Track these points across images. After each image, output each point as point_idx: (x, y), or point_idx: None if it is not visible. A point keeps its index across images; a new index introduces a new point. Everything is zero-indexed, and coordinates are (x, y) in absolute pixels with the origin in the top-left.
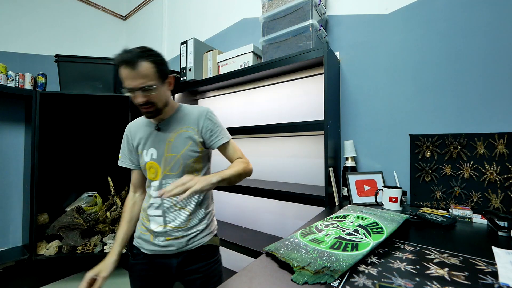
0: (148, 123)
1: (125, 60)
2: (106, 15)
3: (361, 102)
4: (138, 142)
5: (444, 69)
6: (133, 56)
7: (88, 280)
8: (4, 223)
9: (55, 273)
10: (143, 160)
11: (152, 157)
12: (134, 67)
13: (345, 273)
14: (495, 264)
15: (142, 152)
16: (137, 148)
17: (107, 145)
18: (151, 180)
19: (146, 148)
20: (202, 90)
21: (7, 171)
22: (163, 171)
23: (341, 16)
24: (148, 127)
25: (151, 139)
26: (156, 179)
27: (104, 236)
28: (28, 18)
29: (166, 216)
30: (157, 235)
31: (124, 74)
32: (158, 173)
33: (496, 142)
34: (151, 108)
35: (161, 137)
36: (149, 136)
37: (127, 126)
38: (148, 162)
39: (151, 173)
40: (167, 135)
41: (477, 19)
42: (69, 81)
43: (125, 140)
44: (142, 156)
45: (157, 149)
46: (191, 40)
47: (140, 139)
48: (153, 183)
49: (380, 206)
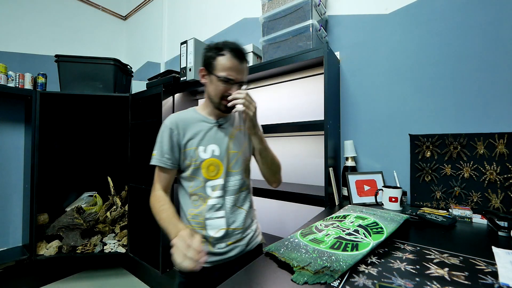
0: (201, 119)
1: (238, 51)
2: (106, 15)
3: (361, 102)
4: (191, 138)
5: (444, 69)
6: (244, 52)
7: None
8: (4, 223)
9: (55, 273)
10: (198, 157)
11: (213, 154)
12: (243, 61)
13: (345, 273)
14: (495, 264)
15: (197, 148)
16: (186, 144)
17: (107, 145)
18: (208, 179)
19: (204, 144)
20: (202, 90)
21: (7, 171)
22: (226, 168)
23: (341, 16)
24: (204, 123)
25: (210, 135)
26: (217, 177)
27: (104, 236)
28: (28, 18)
29: (228, 217)
30: (217, 241)
31: (230, 63)
32: (220, 170)
33: (496, 142)
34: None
35: (222, 134)
36: (207, 131)
37: (170, 121)
38: (207, 159)
39: (210, 171)
40: (228, 131)
41: (477, 19)
42: (69, 81)
43: (167, 136)
44: (197, 153)
45: (219, 145)
46: (191, 40)
47: (194, 135)
48: (211, 182)
49: (380, 206)
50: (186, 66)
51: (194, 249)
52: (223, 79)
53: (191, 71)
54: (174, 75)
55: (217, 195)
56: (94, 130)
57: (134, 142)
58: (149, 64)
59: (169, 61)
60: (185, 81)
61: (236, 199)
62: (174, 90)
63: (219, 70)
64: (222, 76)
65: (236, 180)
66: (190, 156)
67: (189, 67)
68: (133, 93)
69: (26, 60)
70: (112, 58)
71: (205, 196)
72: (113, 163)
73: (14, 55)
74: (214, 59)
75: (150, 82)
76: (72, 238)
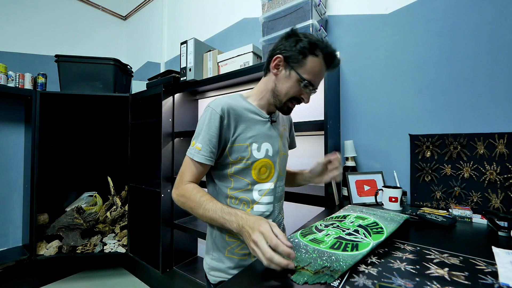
0: (254, 110)
1: (333, 58)
2: (106, 15)
3: (361, 102)
4: (242, 132)
5: (444, 69)
6: (337, 60)
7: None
8: (4, 223)
9: (55, 273)
10: (250, 155)
11: (267, 154)
12: (330, 69)
13: (345, 273)
14: (495, 264)
15: (250, 145)
16: (235, 139)
17: (107, 145)
18: (257, 181)
19: (258, 141)
20: (202, 90)
21: (7, 171)
22: (278, 172)
23: (341, 16)
24: (258, 116)
25: (264, 132)
26: (267, 180)
27: (104, 236)
28: (28, 18)
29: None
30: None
31: (320, 69)
32: (272, 173)
33: (496, 142)
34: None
35: (274, 132)
36: (261, 128)
37: (220, 107)
38: (260, 159)
39: (261, 173)
40: (279, 131)
41: (477, 19)
42: (69, 81)
43: (217, 126)
44: (250, 151)
45: (272, 145)
46: (191, 40)
47: (247, 129)
48: (260, 186)
49: (380, 206)
50: (186, 66)
51: (284, 249)
52: (306, 83)
53: (191, 71)
54: (174, 75)
55: (266, 201)
56: (94, 130)
57: (134, 142)
58: (149, 64)
59: (169, 61)
60: (185, 81)
61: (281, 207)
62: (174, 90)
63: (306, 71)
64: (307, 79)
65: (282, 186)
66: (240, 153)
67: (189, 67)
68: (133, 93)
69: (26, 60)
70: (112, 58)
71: (250, 201)
72: (113, 163)
73: (14, 55)
74: (303, 56)
75: (150, 82)
76: (72, 238)
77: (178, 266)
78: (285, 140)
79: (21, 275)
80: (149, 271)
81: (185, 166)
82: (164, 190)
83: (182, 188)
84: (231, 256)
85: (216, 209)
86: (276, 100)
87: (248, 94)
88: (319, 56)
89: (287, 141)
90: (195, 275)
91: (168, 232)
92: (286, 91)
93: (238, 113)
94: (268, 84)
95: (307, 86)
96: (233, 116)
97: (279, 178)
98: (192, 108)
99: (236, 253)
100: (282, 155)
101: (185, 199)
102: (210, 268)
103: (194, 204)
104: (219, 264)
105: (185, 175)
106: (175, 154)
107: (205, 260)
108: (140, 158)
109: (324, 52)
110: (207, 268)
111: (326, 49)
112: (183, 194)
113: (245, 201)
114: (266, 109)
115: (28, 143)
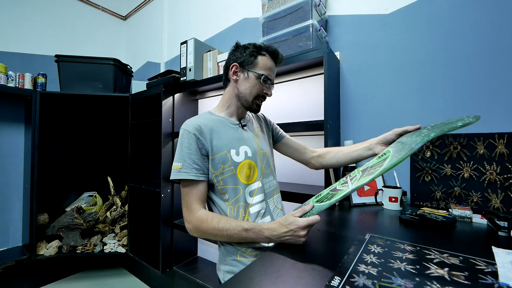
0: (223, 120)
1: (277, 54)
2: (106, 15)
3: (361, 102)
4: (218, 142)
5: (444, 69)
6: (281, 56)
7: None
8: (4, 223)
9: (55, 273)
10: (231, 161)
11: (247, 155)
12: (278, 64)
13: (345, 273)
14: (495, 264)
15: (228, 152)
16: (214, 150)
17: (107, 145)
18: (245, 184)
19: (235, 147)
20: (202, 90)
21: (7, 171)
22: (260, 170)
23: (341, 16)
24: (228, 124)
25: (238, 137)
26: (253, 180)
27: (104, 236)
28: (28, 18)
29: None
30: (267, 249)
31: (271, 64)
32: (255, 173)
33: (496, 142)
34: (263, 102)
35: (248, 135)
36: (234, 133)
37: (191, 126)
38: (242, 161)
39: (246, 175)
40: (253, 133)
41: (477, 19)
42: (69, 81)
43: (193, 144)
44: (230, 157)
45: (250, 146)
46: (191, 40)
47: (221, 138)
48: (249, 188)
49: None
50: (186, 66)
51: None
52: (264, 78)
53: (191, 71)
54: (174, 75)
55: (258, 200)
56: (94, 130)
57: (134, 142)
58: (149, 64)
59: (169, 61)
60: (185, 81)
61: (275, 201)
62: (174, 90)
63: (260, 68)
64: (264, 74)
65: (270, 181)
66: (221, 163)
67: (189, 67)
68: (133, 93)
69: (26, 60)
70: (112, 58)
71: (245, 205)
72: (113, 163)
73: (14, 55)
74: (254, 57)
75: (150, 82)
76: (72, 238)
77: (178, 266)
78: (262, 139)
79: (21, 275)
80: (149, 271)
81: (182, 194)
82: (164, 190)
83: (193, 221)
84: (244, 259)
85: (240, 232)
86: (243, 102)
87: (215, 109)
88: (266, 54)
89: (266, 138)
90: (195, 275)
91: (168, 232)
92: (250, 91)
93: (209, 127)
94: (231, 92)
95: (265, 80)
96: (205, 131)
97: (263, 175)
98: (192, 108)
99: (248, 255)
100: (262, 153)
101: (201, 233)
102: (225, 273)
103: (215, 232)
104: (233, 269)
105: (188, 203)
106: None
107: (219, 268)
108: (140, 158)
109: (269, 50)
110: (222, 275)
111: (269, 48)
112: (197, 227)
113: (242, 207)
114: (235, 116)
115: (28, 143)
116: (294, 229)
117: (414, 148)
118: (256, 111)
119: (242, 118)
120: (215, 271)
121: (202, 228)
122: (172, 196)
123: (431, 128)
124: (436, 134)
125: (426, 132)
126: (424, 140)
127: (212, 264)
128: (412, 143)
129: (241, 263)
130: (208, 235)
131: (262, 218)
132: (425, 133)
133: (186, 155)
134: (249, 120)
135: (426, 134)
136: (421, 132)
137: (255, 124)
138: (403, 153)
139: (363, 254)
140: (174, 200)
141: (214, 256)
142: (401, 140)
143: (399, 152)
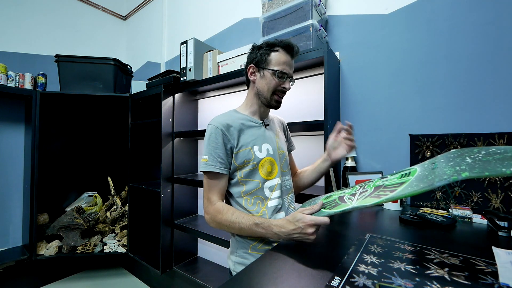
0: (248, 119)
1: (290, 47)
2: (106, 15)
3: (361, 102)
4: (243, 139)
5: (444, 69)
6: (296, 48)
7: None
8: (4, 223)
9: (55, 273)
10: (254, 156)
11: (268, 153)
12: (294, 57)
13: (345, 272)
14: (495, 264)
15: (252, 148)
16: (239, 146)
17: (107, 145)
18: (265, 179)
19: (258, 143)
20: (202, 90)
21: (7, 171)
22: (280, 168)
23: (341, 16)
24: (252, 122)
25: (261, 134)
26: (273, 176)
27: (104, 236)
28: (28, 18)
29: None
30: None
31: (285, 58)
32: (275, 169)
33: (496, 142)
34: (283, 97)
35: (269, 134)
36: (258, 131)
37: (218, 123)
38: (264, 158)
39: (267, 170)
40: (274, 133)
41: (477, 18)
42: (69, 81)
43: (219, 140)
44: (253, 153)
45: (271, 144)
46: (191, 40)
47: (246, 135)
48: (269, 183)
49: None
50: (186, 66)
51: (323, 222)
52: (279, 73)
53: (191, 71)
54: (174, 75)
55: (276, 195)
56: (94, 130)
57: (134, 142)
58: (149, 64)
59: (169, 61)
60: (185, 81)
61: (290, 199)
62: (174, 90)
63: (273, 65)
64: (278, 69)
65: (287, 180)
66: (244, 157)
67: (189, 67)
68: (133, 93)
69: (26, 60)
70: (112, 58)
71: (263, 198)
72: (113, 163)
73: (14, 55)
74: (267, 55)
75: (150, 82)
76: (72, 238)
77: (178, 266)
78: (282, 140)
79: (21, 275)
80: (149, 271)
81: (204, 185)
82: (164, 190)
83: (211, 211)
84: (255, 253)
85: (250, 226)
86: (263, 99)
87: (240, 108)
88: (279, 50)
89: (284, 142)
90: (195, 275)
91: (168, 232)
92: (267, 87)
93: (236, 125)
94: (252, 92)
95: (280, 75)
96: (231, 129)
97: (282, 173)
98: (192, 108)
99: (259, 249)
100: (281, 153)
101: (216, 223)
102: (235, 264)
103: (228, 223)
104: (244, 261)
105: (209, 195)
106: (175, 154)
107: (229, 259)
108: (140, 158)
109: (281, 45)
110: (232, 265)
111: (282, 42)
112: (214, 218)
113: (259, 200)
114: (258, 115)
115: (28, 143)
116: (302, 227)
117: (435, 185)
118: (276, 107)
119: (265, 118)
120: (215, 271)
121: (217, 219)
122: (172, 196)
123: (471, 163)
124: (470, 176)
125: (461, 168)
126: (451, 179)
127: (212, 264)
128: (437, 177)
129: (252, 256)
130: (223, 226)
131: (278, 212)
132: (459, 169)
133: (212, 149)
134: (271, 120)
135: (458, 172)
136: (457, 163)
137: (276, 125)
138: (421, 186)
139: (363, 254)
140: (174, 200)
141: (214, 256)
142: (435, 161)
143: (421, 180)
